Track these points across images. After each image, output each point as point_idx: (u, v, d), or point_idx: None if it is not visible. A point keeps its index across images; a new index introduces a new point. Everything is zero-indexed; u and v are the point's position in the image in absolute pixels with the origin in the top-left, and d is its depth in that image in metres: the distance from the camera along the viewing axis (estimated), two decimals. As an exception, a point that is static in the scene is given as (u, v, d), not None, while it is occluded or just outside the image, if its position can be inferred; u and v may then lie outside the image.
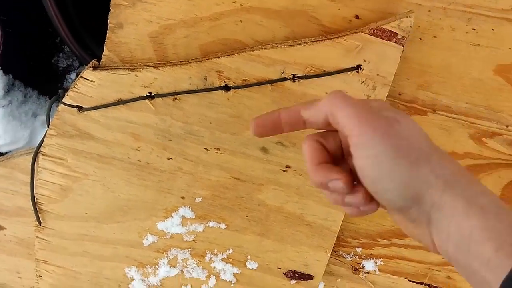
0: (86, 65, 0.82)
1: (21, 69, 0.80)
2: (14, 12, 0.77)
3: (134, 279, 0.78)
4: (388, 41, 0.58)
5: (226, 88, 0.63)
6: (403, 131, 0.39)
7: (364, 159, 0.38)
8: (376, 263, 0.79)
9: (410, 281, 0.80)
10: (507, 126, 0.68)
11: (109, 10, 0.61)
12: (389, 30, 0.58)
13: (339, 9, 0.59)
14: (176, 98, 0.63)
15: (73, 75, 0.88)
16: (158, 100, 0.63)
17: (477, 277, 0.36)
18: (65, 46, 0.88)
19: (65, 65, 0.89)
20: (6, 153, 0.79)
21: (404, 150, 0.38)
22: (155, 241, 0.75)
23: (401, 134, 0.38)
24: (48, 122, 0.66)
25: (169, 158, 0.68)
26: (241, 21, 0.61)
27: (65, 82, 0.89)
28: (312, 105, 0.43)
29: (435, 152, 0.39)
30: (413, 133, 0.39)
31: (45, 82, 0.86)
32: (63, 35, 0.72)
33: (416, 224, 0.40)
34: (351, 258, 0.79)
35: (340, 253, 0.79)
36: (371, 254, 0.78)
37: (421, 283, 0.80)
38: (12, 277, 0.85)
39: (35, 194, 0.71)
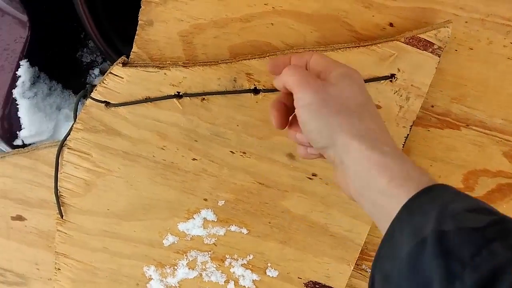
0: (109, 61, 0.83)
1: (46, 62, 0.81)
2: (41, 6, 0.78)
3: (152, 278, 0.79)
4: (424, 51, 0.57)
5: (256, 91, 0.62)
6: (334, 91, 0.48)
7: (300, 108, 0.49)
8: (400, 279, 0.77)
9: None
10: (547, 145, 0.66)
11: (137, 8, 0.61)
12: (425, 39, 0.57)
13: (373, 15, 0.59)
14: (204, 98, 0.63)
15: (96, 71, 0.90)
16: (186, 99, 0.64)
17: (377, 207, 0.45)
18: (90, 41, 0.89)
19: (88, 60, 0.90)
20: (29, 144, 0.81)
21: (329, 103, 0.47)
22: (176, 242, 0.75)
23: (330, 93, 0.48)
24: (75, 116, 0.67)
25: (194, 159, 0.68)
26: (272, 24, 0.61)
27: (88, 77, 0.90)
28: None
29: (360, 112, 0.48)
30: (345, 95, 0.48)
31: (69, 76, 0.87)
32: (89, 30, 0.73)
33: (335, 167, 0.50)
34: (375, 272, 0.78)
35: (363, 267, 0.77)
36: (396, 269, 0.77)
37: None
38: (30, 268, 0.87)
39: (58, 187, 0.72)
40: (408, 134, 0.63)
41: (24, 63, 0.71)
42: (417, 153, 0.68)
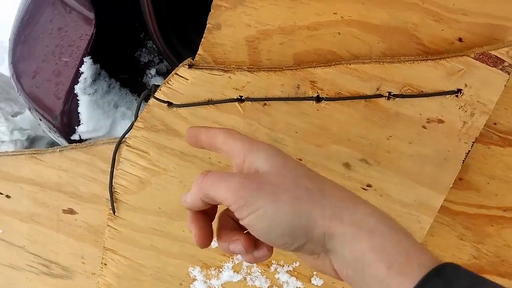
0: (167, 62, 0.85)
1: (106, 60, 0.84)
2: (107, 4, 0.81)
3: (196, 279, 0.80)
4: (494, 68, 0.57)
5: (318, 99, 0.63)
6: (272, 178, 0.42)
7: (247, 218, 0.41)
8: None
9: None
10: None
11: (199, 12, 0.63)
12: (496, 56, 0.57)
13: (443, 30, 0.59)
14: (266, 103, 0.64)
15: (152, 71, 0.92)
16: (248, 104, 0.65)
17: None
18: (149, 41, 0.92)
19: (146, 60, 0.92)
20: (86, 140, 0.83)
21: (280, 195, 0.40)
22: (223, 244, 0.76)
23: (271, 181, 0.41)
24: (137, 114, 0.69)
25: (249, 163, 0.69)
26: (339, 33, 0.61)
27: (145, 76, 0.92)
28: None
29: (318, 185, 0.42)
30: (287, 176, 0.42)
31: (127, 74, 0.90)
32: (151, 30, 0.75)
33: (316, 256, 0.43)
34: None
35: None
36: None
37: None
38: (75, 262, 0.88)
39: (113, 183, 0.74)
40: (469, 151, 0.63)
41: (87, 60, 0.74)
42: (475, 170, 0.67)
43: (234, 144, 0.46)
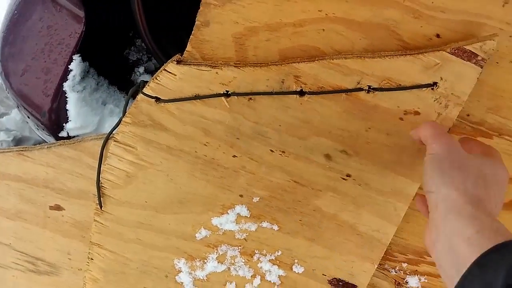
0: (156, 59, 0.81)
1: (95, 58, 0.79)
2: (97, 2, 0.76)
3: (181, 271, 0.75)
4: (468, 62, 0.56)
5: (301, 93, 0.60)
6: (472, 162, 0.49)
7: (427, 156, 0.51)
8: (420, 279, 0.75)
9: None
10: None
11: (187, 10, 0.59)
12: (470, 51, 0.55)
13: (422, 26, 0.57)
14: (251, 98, 0.61)
15: (141, 69, 0.87)
16: (234, 98, 0.61)
17: (451, 254, 0.43)
18: (137, 40, 0.87)
19: (135, 58, 0.88)
20: (74, 136, 0.77)
21: (454, 163, 0.48)
22: (208, 236, 0.72)
23: (464, 159, 0.49)
24: (125, 110, 0.64)
25: (234, 156, 0.66)
26: (323, 30, 0.59)
27: (133, 74, 0.88)
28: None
29: (485, 187, 0.47)
30: (483, 171, 0.49)
31: (115, 72, 0.84)
32: (141, 28, 0.70)
33: (430, 211, 0.50)
34: (396, 272, 0.75)
35: (386, 267, 0.75)
36: (416, 270, 0.75)
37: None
38: (62, 258, 0.83)
39: (100, 178, 0.69)
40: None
41: (76, 58, 0.68)
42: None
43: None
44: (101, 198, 0.70)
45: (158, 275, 0.76)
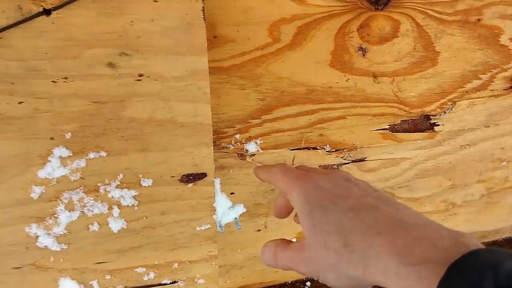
0: None
1: None
2: None
3: (38, 235, 0.75)
4: None
5: (46, 12, 0.59)
6: (309, 247, 0.47)
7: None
8: (256, 143, 0.82)
9: (291, 149, 0.84)
10: (323, -19, 0.71)
11: None
12: None
13: None
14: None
15: None
16: (-18, 45, 0.59)
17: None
18: None
19: None
20: None
21: (320, 265, 0.45)
22: (43, 191, 0.72)
23: (309, 253, 0.47)
24: None
25: (20, 102, 0.64)
26: None
27: None
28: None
29: (344, 240, 0.44)
30: (318, 239, 0.46)
31: None
32: None
33: None
34: (234, 146, 0.81)
35: (223, 145, 0.80)
36: (249, 136, 0.81)
37: (301, 148, 0.84)
38: None
39: None
40: (203, 7, 0.64)
41: None
42: (221, 24, 0.69)
43: (281, 183, 0.54)
44: None
45: (19, 250, 0.75)
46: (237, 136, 0.80)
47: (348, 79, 0.79)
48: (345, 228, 0.44)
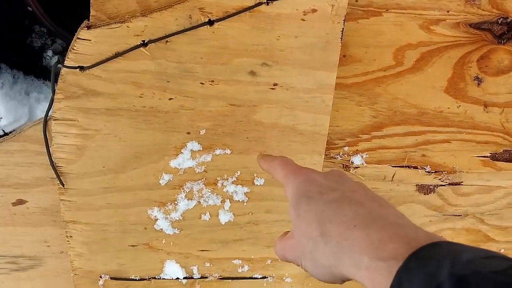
0: (62, 40, 0.84)
1: (3, 53, 0.81)
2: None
3: (158, 218, 0.83)
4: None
5: (210, 22, 0.67)
6: (295, 235, 0.49)
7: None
8: (362, 157, 0.87)
9: (393, 166, 0.89)
10: (448, 12, 0.76)
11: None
12: None
13: None
14: (167, 41, 0.67)
15: (49, 52, 0.90)
16: (152, 46, 0.67)
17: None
18: (35, 26, 0.89)
19: (39, 44, 0.90)
20: (10, 132, 0.81)
21: (303, 252, 0.47)
22: (171, 179, 0.80)
23: (296, 241, 0.49)
24: (53, 89, 0.69)
25: (170, 99, 0.73)
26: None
27: (43, 60, 0.90)
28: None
29: (321, 230, 0.44)
30: (300, 228, 0.48)
31: (26, 62, 0.87)
32: (38, 14, 0.73)
33: None
34: (341, 157, 0.87)
35: (331, 155, 0.86)
36: (357, 150, 0.86)
37: (402, 166, 0.89)
38: (41, 248, 0.88)
39: (53, 159, 0.74)
40: (343, 28, 0.71)
41: (-18, 59, 0.71)
42: (352, 44, 0.76)
43: (279, 174, 0.57)
44: (61, 177, 0.76)
45: (138, 230, 0.84)
46: (346, 148, 0.86)
47: (460, 105, 0.83)
48: (325, 218, 0.44)
